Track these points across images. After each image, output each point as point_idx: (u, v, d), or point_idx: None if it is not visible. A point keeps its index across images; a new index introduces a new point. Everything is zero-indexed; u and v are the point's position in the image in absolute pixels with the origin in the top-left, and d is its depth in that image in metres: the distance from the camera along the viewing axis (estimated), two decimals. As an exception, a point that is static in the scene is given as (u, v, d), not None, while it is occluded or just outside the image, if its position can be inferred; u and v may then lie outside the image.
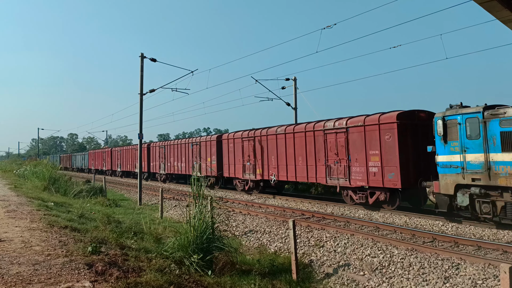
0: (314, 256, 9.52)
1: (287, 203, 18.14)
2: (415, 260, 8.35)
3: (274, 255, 9.77)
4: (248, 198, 20.50)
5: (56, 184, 20.96)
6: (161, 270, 6.17)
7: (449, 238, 10.03)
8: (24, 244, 6.98)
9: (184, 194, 22.39)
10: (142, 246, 8.10)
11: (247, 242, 11.47)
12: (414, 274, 7.76)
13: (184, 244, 7.33)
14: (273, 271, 8.09)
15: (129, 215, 14.17)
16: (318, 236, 10.90)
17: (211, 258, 7.23)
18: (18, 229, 8.40)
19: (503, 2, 10.17)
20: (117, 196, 23.90)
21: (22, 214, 10.47)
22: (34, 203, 13.27)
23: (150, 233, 9.44)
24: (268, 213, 14.88)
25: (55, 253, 6.39)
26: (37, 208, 11.82)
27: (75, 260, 5.96)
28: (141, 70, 20.85)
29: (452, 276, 7.47)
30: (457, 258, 8.26)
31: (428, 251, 8.92)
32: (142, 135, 21.14)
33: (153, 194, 23.55)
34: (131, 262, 6.40)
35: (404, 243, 9.57)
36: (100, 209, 15.06)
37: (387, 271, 8.08)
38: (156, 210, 16.72)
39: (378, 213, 14.35)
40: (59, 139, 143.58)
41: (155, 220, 13.39)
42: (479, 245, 9.36)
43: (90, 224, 10.13)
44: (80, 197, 18.45)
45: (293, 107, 26.70)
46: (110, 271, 5.55)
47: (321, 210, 15.79)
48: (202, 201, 7.91)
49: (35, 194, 16.58)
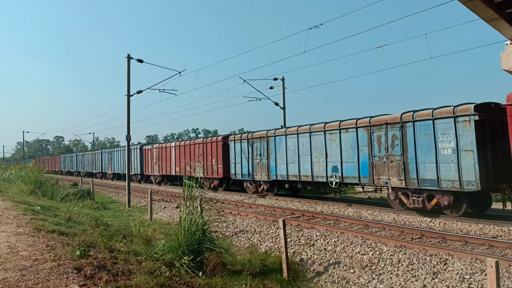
0: (305, 255, 9.56)
1: (277, 203, 18.17)
2: (404, 256, 8.45)
3: (265, 254, 9.78)
4: (238, 198, 20.48)
5: (42, 188, 20.62)
6: (151, 273, 6.12)
7: (436, 234, 10.17)
8: (11, 249, 6.84)
9: (174, 196, 22.26)
10: (132, 249, 8.02)
11: (238, 242, 11.46)
12: (403, 270, 7.85)
13: (174, 246, 7.29)
14: (264, 270, 8.10)
15: (118, 217, 14.03)
16: (308, 235, 10.95)
17: (202, 259, 7.21)
18: (3, 234, 8.23)
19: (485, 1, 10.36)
20: (105, 198, 23.65)
21: (8, 219, 10.27)
22: (20, 207, 13.01)
23: (140, 236, 9.34)
24: (258, 213, 14.89)
25: (42, 257, 6.28)
26: (24, 213, 11.60)
27: (63, 265, 5.87)
28: (128, 71, 20.66)
29: (441, 272, 7.58)
30: (445, 254, 8.38)
31: (416, 247, 9.03)
32: (130, 137, 20.96)
33: (142, 196, 23.35)
34: (120, 265, 6.33)
35: (393, 240, 9.68)
36: (88, 212, 14.86)
37: (377, 268, 8.16)
38: (145, 212, 16.58)
39: (367, 211, 14.47)
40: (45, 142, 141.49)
41: (144, 222, 13.27)
42: (466, 240, 9.52)
43: (78, 228, 9.99)
44: (67, 200, 18.18)
45: (282, 107, 26.77)
46: (99, 275, 5.48)
47: (310, 209, 15.86)
48: (192, 202, 7.87)
49: (21, 198, 16.26)
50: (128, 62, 20.60)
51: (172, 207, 18.03)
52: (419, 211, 13.29)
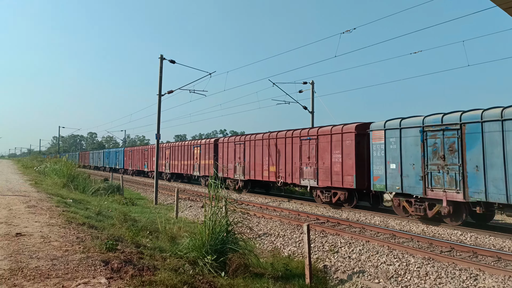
0: (328, 262, 9.43)
1: (301, 207, 18.04)
2: (432, 269, 8.18)
3: (288, 259, 9.71)
4: (263, 201, 20.47)
5: (75, 182, 21.40)
6: (175, 270, 6.21)
7: (467, 248, 9.79)
8: (43, 239, 7.14)
9: (199, 195, 22.52)
10: (157, 245, 8.18)
11: (261, 245, 11.45)
12: (431, 283, 7.60)
13: (198, 245, 7.37)
14: (287, 275, 8.04)
15: (145, 214, 14.33)
16: (332, 241, 10.80)
17: (224, 259, 7.24)
18: (37, 224, 8.60)
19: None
20: (134, 195, 24.23)
21: (42, 210, 10.71)
22: (54, 199, 13.57)
23: (165, 233, 9.51)
24: (282, 216, 14.82)
25: (72, 249, 6.51)
26: (56, 204, 12.08)
27: (92, 257, 6.06)
28: (160, 71, 21.11)
29: (470, 287, 7.28)
30: (476, 269, 8.05)
31: (445, 260, 8.73)
32: (159, 135, 21.39)
33: (168, 194, 23.76)
34: (146, 260, 6.47)
35: (421, 251, 9.39)
36: (117, 207, 15.28)
37: (403, 280, 7.93)
38: (171, 210, 16.87)
39: (395, 220, 14.12)
40: (79, 138, 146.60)
41: (170, 219, 13.51)
42: (499, 256, 9.11)
43: (107, 222, 10.29)
44: (98, 195, 18.79)
45: (310, 111, 26.57)
46: (126, 269, 5.62)
47: (336, 215, 15.64)
48: (217, 203, 7.94)
49: (54, 191, 16.95)
50: (160, 63, 21.05)
51: (197, 206, 18.25)
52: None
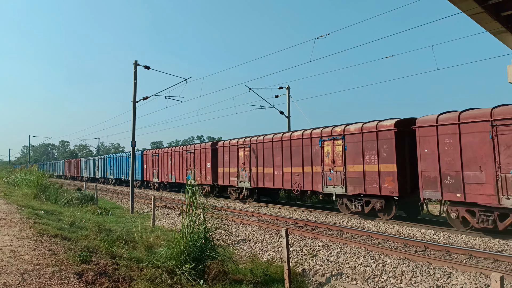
0: (307, 265, 9.49)
1: (280, 212, 18.09)
2: (407, 269, 8.36)
3: (267, 264, 9.71)
4: (241, 206, 20.42)
5: (46, 192, 20.71)
6: (153, 280, 6.11)
7: (440, 247, 10.06)
8: (13, 253, 6.86)
9: (177, 203, 22.23)
10: (134, 255, 8.01)
11: (240, 251, 11.40)
12: (406, 283, 7.76)
13: (176, 253, 7.26)
14: (266, 280, 8.03)
15: (121, 223, 14.02)
16: (311, 245, 10.88)
17: (203, 267, 7.17)
18: (6, 237, 8.26)
19: (492, 14, 10.39)
20: (109, 204, 23.68)
21: (12, 223, 10.31)
22: (24, 211, 13.08)
23: (142, 242, 9.33)
24: (261, 221, 14.83)
25: (44, 262, 6.29)
26: (27, 216, 11.65)
27: (65, 269, 5.87)
28: (134, 78, 20.82)
29: (444, 285, 7.48)
30: (449, 267, 8.28)
31: (420, 260, 8.94)
32: (135, 143, 21.04)
33: (145, 202, 23.36)
34: (122, 271, 6.32)
35: (397, 252, 9.58)
36: (91, 217, 14.87)
37: (380, 280, 8.07)
38: (148, 218, 16.57)
39: (371, 222, 14.36)
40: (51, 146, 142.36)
41: (147, 228, 13.23)
42: (470, 253, 9.41)
43: (80, 233, 10.00)
44: (70, 205, 18.23)
45: (286, 116, 26.81)
46: (101, 281, 5.47)
47: (313, 219, 15.78)
48: (195, 210, 7.86)
49: (25, 202, 16.35)
50: (135, 69, 20.77)
51: (175, 214, 18.01)
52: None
